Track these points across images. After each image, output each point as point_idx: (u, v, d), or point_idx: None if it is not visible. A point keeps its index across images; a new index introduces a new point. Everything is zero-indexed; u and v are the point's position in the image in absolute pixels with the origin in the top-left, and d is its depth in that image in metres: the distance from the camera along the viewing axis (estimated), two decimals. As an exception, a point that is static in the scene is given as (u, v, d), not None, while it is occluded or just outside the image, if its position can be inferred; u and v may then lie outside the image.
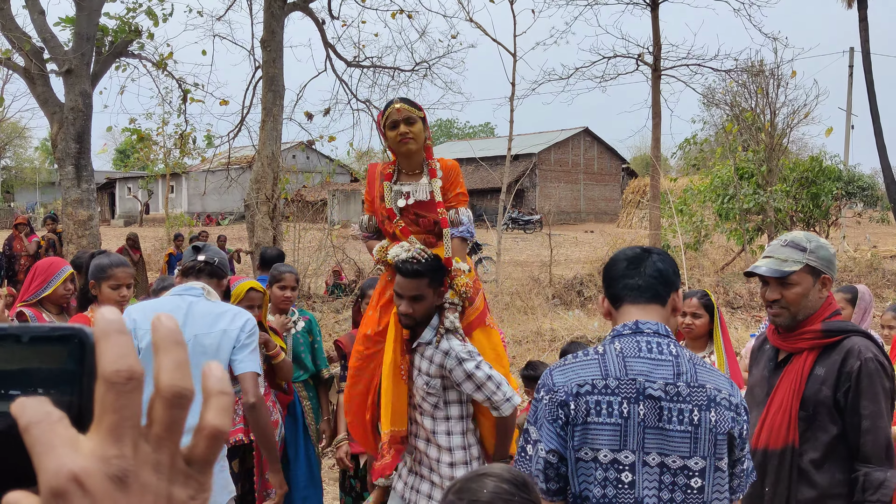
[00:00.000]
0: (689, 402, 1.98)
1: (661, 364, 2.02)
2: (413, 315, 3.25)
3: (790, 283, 2.77)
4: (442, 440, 3.32)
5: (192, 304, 3.29)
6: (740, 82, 19.11)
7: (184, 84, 15.16)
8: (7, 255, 13.22)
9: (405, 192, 3.47)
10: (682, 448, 1.97)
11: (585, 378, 2.03)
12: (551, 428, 2.03)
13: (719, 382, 2.06)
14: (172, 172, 24.55)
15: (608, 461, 1.98)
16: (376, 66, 16.12)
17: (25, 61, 11.49)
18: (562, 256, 20.83)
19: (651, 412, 1.98)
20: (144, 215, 44.21)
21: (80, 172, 11.37)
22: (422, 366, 3.32)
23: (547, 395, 2.06)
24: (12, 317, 4.16)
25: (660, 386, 1.99)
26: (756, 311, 12.41)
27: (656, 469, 1.98)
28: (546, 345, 10.16)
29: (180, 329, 0.54)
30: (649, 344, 2.06)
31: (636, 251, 2.23)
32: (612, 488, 1.97)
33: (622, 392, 1.99)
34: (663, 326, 2.11)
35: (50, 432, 0.48)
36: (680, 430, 1.97)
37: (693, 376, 2.02)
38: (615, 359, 2.04)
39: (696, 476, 1.97)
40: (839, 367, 2.67)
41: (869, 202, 21.17)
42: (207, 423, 0.54)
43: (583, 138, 48.91)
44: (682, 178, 25.57)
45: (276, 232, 12.48)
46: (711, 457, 1.98)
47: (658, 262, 2.18)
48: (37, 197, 54.08)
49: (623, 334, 2.10)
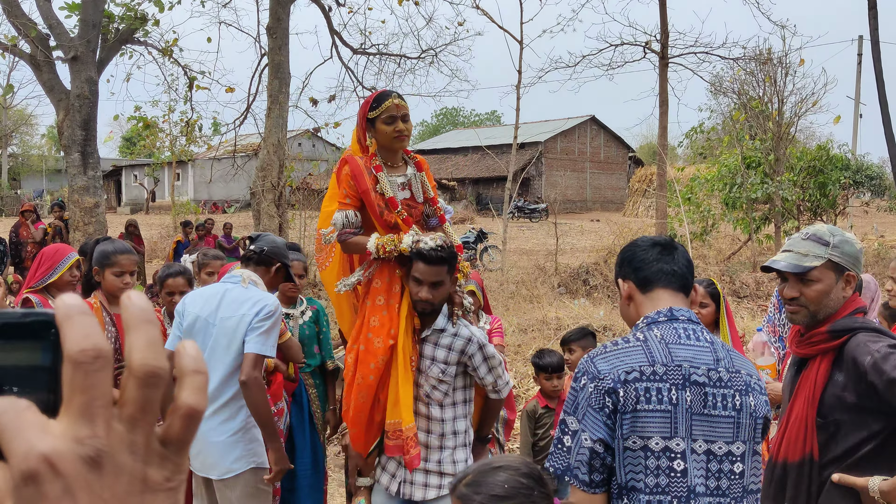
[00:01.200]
0: (730, 388, 1.98)
1: (700, 350, 2.01)
2: (433, 301, 3.26)
3: (810, 279, 2.59)
4: (448, 427, 3.34)
5: (227, 290, 3.61)
6: (748, 70, 18.99)
7: (190, 71, 15.15)
8: (14, 242, 13.26)
9: (400, 183, 3.50)
10: (727, 433, 1.97)
11: (632, 365, 1.98)
12: (598, 416, 1.96)
13: (750, 367, 2.08)
14: (178, 160, 24.53)
15: (660, 449, 1.94)
16: (382, 54, 16.07)
17: (31, 48, 11.49)
18: (567, 245, 20.80)
19: (697, 398, 1.96)
20: (150, 203, 44.27)
21: (87, 160, 11.38)
22: (437, 354, 3.31)
23: (591, 382, 1.99)
24: (18, 303, 4.17)
25: (703, 372, 1.98)
26: (762, 300, 12.37)
27: (703, 457, 1.96)
28: (552, 333, 10.15)
29: (150, 308, 0.53)
30: (686, 331, 2.04)
31: (664, 238, 2.22)
32: (664, 477, 1.93)
33: (670, 378, 1.96)
34: (694, 314, 2.11)
35: (17, 419, 0.47)
36: (725, 416, 1.97)
37: (730, 362, 2.02)
38: (658, 345, 2.01)
39: (738, 461, 1.97)
40: (855, 369, 2.48)
41: (877, 191, 21.10)
42: (183, 402, 0.52)
43: (589, 126, 48.74)
44: (689, 166, 25.47)
45: (282, 220, 12.48)
46: (751, 441, 1.99)
47: (685, 252, 2.19)
48: (44, 184, 54.16)
49: (658, 321, 2.07)
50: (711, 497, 1.96)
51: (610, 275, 14.11)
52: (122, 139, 58.88)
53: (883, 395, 2.42)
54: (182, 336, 3.66)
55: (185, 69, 15.12)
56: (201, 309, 3.64)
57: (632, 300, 2.17)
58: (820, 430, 2.57)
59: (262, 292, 3.65)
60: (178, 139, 21.46)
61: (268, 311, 3.52)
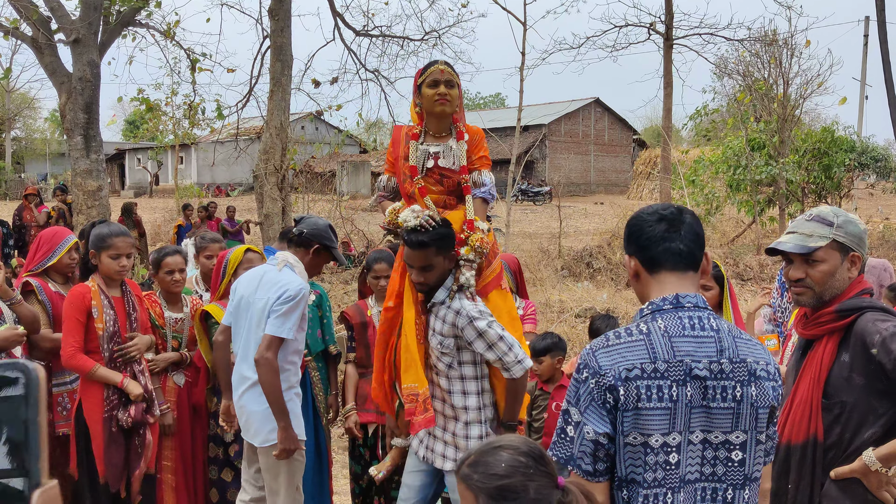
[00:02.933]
0: (731, 379, 1.95)
1: (704, 342, 1.97)
2: (425, 283, 3.33)
3: (816, 259, 2.59)
4: (457, 400, 3.37)
5: (266, 272, 3.81)
6: (753, 52, 18.89)
7: (192, 54, 15.08)
8: (17, 225, 13.28)
9: (432, 152, 3.56)
10: (724, 424, 1.95)
11: (633, 362, 1.94)
12: (600, 411, 1.95)
13: (758, 353, 2.01)
14: (182, 143, 24.50)
15: (659, 445, 1.93)
16: (385, 36, 15.97)
17: (33, 31, 11.43)
18: (571, 228, 20.77)
19: (697, 392, 1.94)
20: (154, 186, 44.25)
21: (89, 143, 11.35)
22: (436, 326, 3.37)
23: (593, 378, 1.97)
24: (18, 286, 4.17)
25: (705, 365, 1.94)
26: (766, 283, 12.35)
27: (699, 446, 1.95)
28: (555, 316, 10.15)
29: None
30: (691, 320, 1.99)
31: (671, 210, 2.09)
32: (661, 471, 1.93)
33: (671, 375, 1.93)
34: (701, 298, 2.04)
35: None
36: (723, 408, 1.94)
37: (735, 351, 1.97)
38: (661, 339, 1.96)
39: (736, 449, 1.96)
40: (863, 349, 2.48)
41: (882, 173, 20.99)
42: None
43: (593, 109, 48.53)
44: (694, 149, 25.38)
45: (285, 203, 12.45)
46: (753, 430, 1.96)
47: (694, 223, 2.07)
48: (47, 168, 54.12)
49: (664, 309, 2.02)
50: (706, 482, 1.95)
51: (614, 258, 14.09)
52: (125, 122, 58.76)
53: (891, 375, 2.41)
54: (232, 312, 3.90)
55: (188, 52, 15.05)
56: (245, 289, 3.84)
57: (639, 277, 2.13)
58: (825, 412, 2.56)
59: (291, 276, 3.74)
60: (182, 122, 21.42)
61: (287, 295, 3.63)
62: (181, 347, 4.48)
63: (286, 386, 3.73)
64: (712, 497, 1.96)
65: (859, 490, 2.50)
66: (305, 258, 3.88)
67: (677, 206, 2.12)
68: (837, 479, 2.52)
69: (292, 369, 3.83)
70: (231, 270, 4.40)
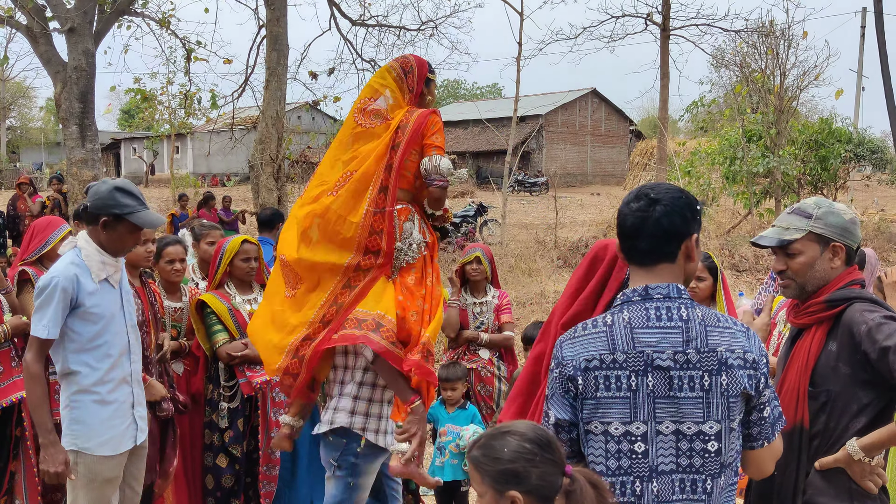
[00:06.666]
0: (699, 369, 1.97)
1: (669, 332, 2.00)
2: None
3: (793, 252, 2.64)
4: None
5: None
6: (750, 43, 18.87)
7: (187, 43, 15.03)
8: (11, 215, 13.21)
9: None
10: (696, 414, 1.97)
11: (593, 353, 2.02)
12: (563, 399, 2.06)
13: (732, 341, 2.00)
14: (177, 133, 24.44)
15: (620, 434, 2.00)
16: (382, 25, 15.95)
17: (28, 19, 11.39)
18: (567, 219, 20.79)
19: (660, 382, 1.98)
20: (150, 176, 44.13)
21: (85, 132, 11.34)
22: None
23: (556, 368, 2.08)
24: (13, 276, 4.16)
25: (668, 356, 1.98)
26: (761, 274, 12.39)
27: (671, 437, 1.98)
28: (550, 307, 10.17)
29: None
30: (658, 311, 2.02)
31: (641, 205, 2.08)
32: (626, 459, 1.99)
33: (630, 366, 1.99)
34: (675, 287, 2.05)
35: None
36: (692, 397, 1.97)
37: (703, 341, 1.98)
38: (622, 331, 2.01)
39: (712, 440, 1.98)
40: (850, 339, 2.51)
41: (878, 165, 21.01)
42: None
43: (590, 99, 48.44)
44: (690, 140, 25.37)
45: (281, 193, 12.45)
46: (726, 419, 1.98)
47: (663, 217, 2.03)
48: (43, 157, 53.94)
49: (632, 300, 2.06)
50: (684, 474, 1.99)
51: (609, 248, 14.10)
52: (120, 112, 58.57)
53: (875, 364, 2.44)
54: None
55: (183, 41, 15.01)
56: None
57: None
58: (811, 400, 2.59)
59: (58, 265, 3.37)
60: (177, 112, 21.37)
61: (37, 288, 3.29)
62: (180, 336, 4.48)
63: (76, 388, 3.28)
64: (692, 488, 1.99)
65: (843, 479, 2.53)
66: (98, 235, 3.35)
67: (650, 197, 2.08)
68: (822, 469, 2.54)
69: (84, 371, 3.28)
70: (227, 260, 4.39)
